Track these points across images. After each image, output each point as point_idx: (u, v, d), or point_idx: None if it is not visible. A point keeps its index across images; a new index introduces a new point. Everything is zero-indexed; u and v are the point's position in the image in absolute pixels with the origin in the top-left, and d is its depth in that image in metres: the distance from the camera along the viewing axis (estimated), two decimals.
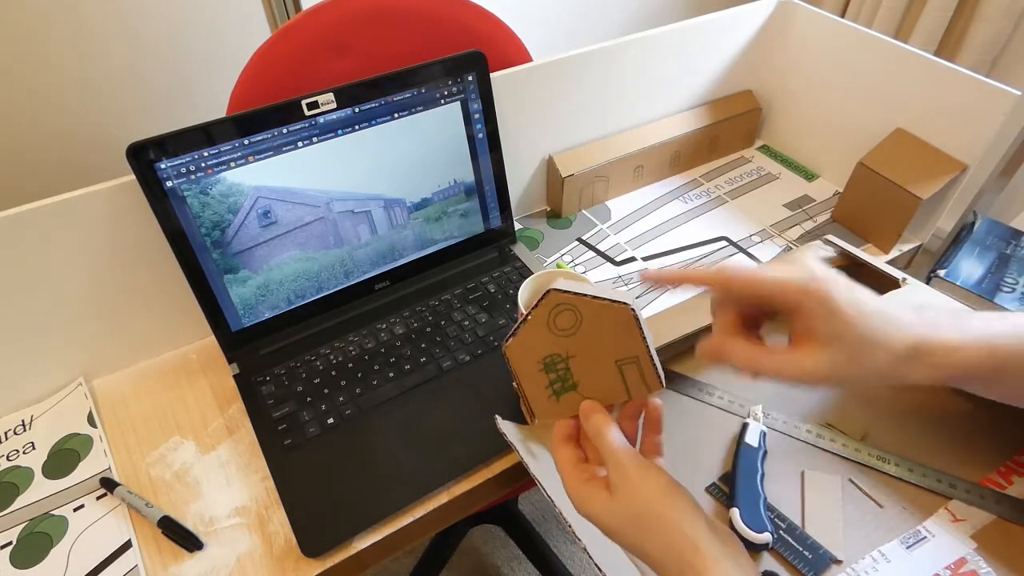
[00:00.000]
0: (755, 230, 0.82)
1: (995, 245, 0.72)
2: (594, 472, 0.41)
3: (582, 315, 0.40)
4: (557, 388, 0.42)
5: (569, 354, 0.41)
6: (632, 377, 0.41)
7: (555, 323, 0.40)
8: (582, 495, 0.39)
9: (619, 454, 0.39)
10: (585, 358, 0.41)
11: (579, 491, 0.40)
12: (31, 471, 0.58)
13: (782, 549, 0.46)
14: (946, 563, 0.44)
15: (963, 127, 0.72)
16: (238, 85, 0.79)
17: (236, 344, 0.65)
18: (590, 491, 0.39)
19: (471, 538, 1.24)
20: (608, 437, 0.39)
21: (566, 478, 0.41)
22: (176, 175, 0.56)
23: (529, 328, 0.41)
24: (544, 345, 0.41)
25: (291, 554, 0.52)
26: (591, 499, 0.39)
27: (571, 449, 0.42)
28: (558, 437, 0.43)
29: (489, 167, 0.73)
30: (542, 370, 0.41)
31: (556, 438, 0.43)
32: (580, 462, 0.41)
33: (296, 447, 0.58)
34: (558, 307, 0.40)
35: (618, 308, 0.39)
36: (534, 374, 0.42)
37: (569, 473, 0.41)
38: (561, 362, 0.41)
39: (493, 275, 0.74)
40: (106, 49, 1.14)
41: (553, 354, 0.41)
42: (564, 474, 0.41)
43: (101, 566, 0.51)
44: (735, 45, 0.87)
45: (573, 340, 0.40)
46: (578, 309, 0.40)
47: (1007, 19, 1.24)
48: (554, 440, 0.43)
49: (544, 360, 0.41)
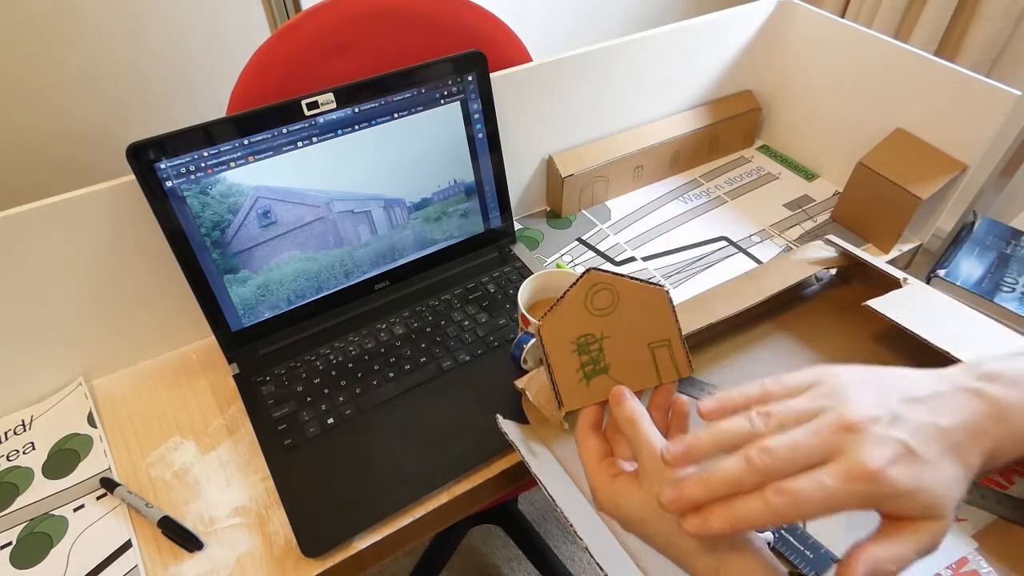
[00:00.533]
0: (755, 230, 0.82)
1: (995, 245, 0.72)
2: (620, 468, 0.39)
3: (619, 295, 0.41)
4: (588, 371, 0.41)
5: (604, 334, 0.41)
6: (663, 360, 0.41)
7: (592, 302, 0.41)
8: (610, 492, 0.38)
9: (656, 445, 0.37)
10: (619, 339, 0.41)
11: (607, 488, 0.38)
12: (31, 471, 0.58)
13: (783, 548, 0.46)
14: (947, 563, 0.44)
15: (963, 127, 0.72)
16: (238, 85, 0.79)
17: (236, 344, 0.65)
18: (618, 485, 0.38)
19: (471, 538, 1.24)
20: (643, 426, 0.38)
21: (591, 471, 0.39)
22: (176, 175, 0.56)
23: (566, 306, 0.41)
24: (579, 324, 0.41)
25: (291, 554, 0.52)
26: (619, 493, 0.37)
27: (597, 441, 0.41)
28: (584, 426, 0.41)
29: (489, 167, 0.73)
30: (575, 351, 0.41)
31: (582, 427, 0.41)
32: (607, 456, 0.40)
33: (296, 447, 0.58)
34: (596, 286, 0.40)
35: (654, 289, 0.41)
36: (566, 355, 0.41)
37: (594, 466, 0.39)
38: (595, 343, 0.41)
39: (493, 275, 0.74)
40: (107, 49, 1.14)
41: (588, 334, 0.41)
42: (589, 467, 0.40)
43: (101, 566, 0.51)
44: (735, 45, 0.87)
45: (608, 320, 0.41)
46: (615, 289, 0.41)
47: (1007, 19, 1.24)
48: (579, 429, 0.41)
49: (578, 340, 0.41)
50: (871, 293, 0.58)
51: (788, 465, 0.31)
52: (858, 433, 0.31)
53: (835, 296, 0.68)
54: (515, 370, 0.62)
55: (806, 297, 0.68)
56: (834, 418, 0.31)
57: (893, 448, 0.30)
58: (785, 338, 0.64)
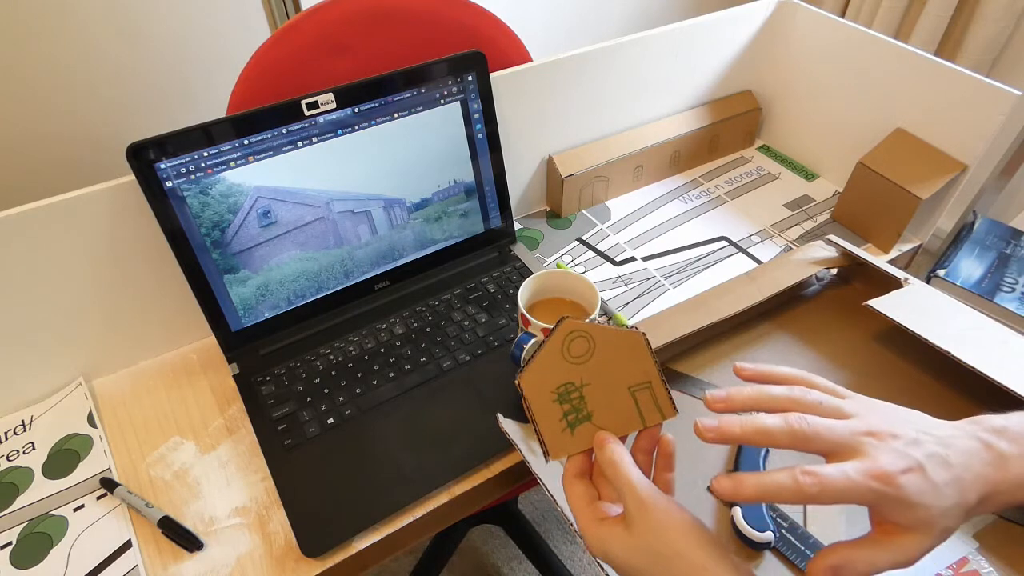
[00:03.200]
0: (755, 230, 0.82)
1: (995, 245, 0.72)
2: (607, 511, 0.40)
3: (595, 341, 0.41)
4: (571, 419, 0.41)
5: (583, 382, 0.41)
6: (646, 404, 0.41)
7: (569, 350, 0.41)
8: (598, 535, 0.38)
9: (637, 487, 0.37)
10: (599, 385, 0.41)
11: (594, 531, 0.39)
12: (31, 471, 0.58)
13: (784, 548, 0.46)
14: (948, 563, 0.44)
15: (963, 127, 0.72)
16: (238, 85, 0.79)
17: (236, 344, 0.65)
18: (605, 530, 0.38)
19: (471, 538, 1.24)
20: (624, 468, 0.38)
21: (579, 517, 0.40)
22: (176, 175, 0.56)
23: (544, 356, 0.41)
24: (558, 374, 0.41)
25: (291, 554, 0.52)
26: (607, 538, 0.38)
27: (584, 486, 0.41)
28: (570, 473, 0.42)
29: (489, 167, 0.73)
30: (556, 400, 0.41)
31: (568, 474, 0.42)
32: (594, 500, 0.40)
33: (296, 447, 0.58)
34: (571, 334, 0.41)
35: (629, 333, 0.41)
36: (548, 406, 0.41)
37: (582, 511, 0.40)
38: (575, 391, 0.41)
39: (493, 275, 0.74)
40: (106, 49, 1.14)
41: (567, 383, 0.41)
42: (577, 512, 0.40)
43: (101, 566, 0.51)
44: (735, 45, 0.87)
45: (587, 368, 0.41)
46: (591, 336, 0.41)
47: (1007, 19, 1.24)
48: (566, 476, 0.42)
49: (558, 390, 0.41)
50: (871, 293, 0.58)
51: (818, 440, 0.35)
52: (882, 441, 0.35)
53: (835, 296, 0.68)
54: (515, 370, 0.62)
55: (806, 297, 0.68)
56: (863, 424, 0.35)
57: (908, 462, 0.34)
58: (785, 338, 0.64)
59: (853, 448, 0.35)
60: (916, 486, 0.34)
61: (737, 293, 0.61)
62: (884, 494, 0.33)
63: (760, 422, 0.36)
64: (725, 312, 0.59)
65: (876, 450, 0.34)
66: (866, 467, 0.33)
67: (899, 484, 0.33)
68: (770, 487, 0.34)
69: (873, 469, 0.33)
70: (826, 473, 0.33)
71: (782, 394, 0.37)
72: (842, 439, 0.35)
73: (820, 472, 0.33)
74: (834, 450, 0.35)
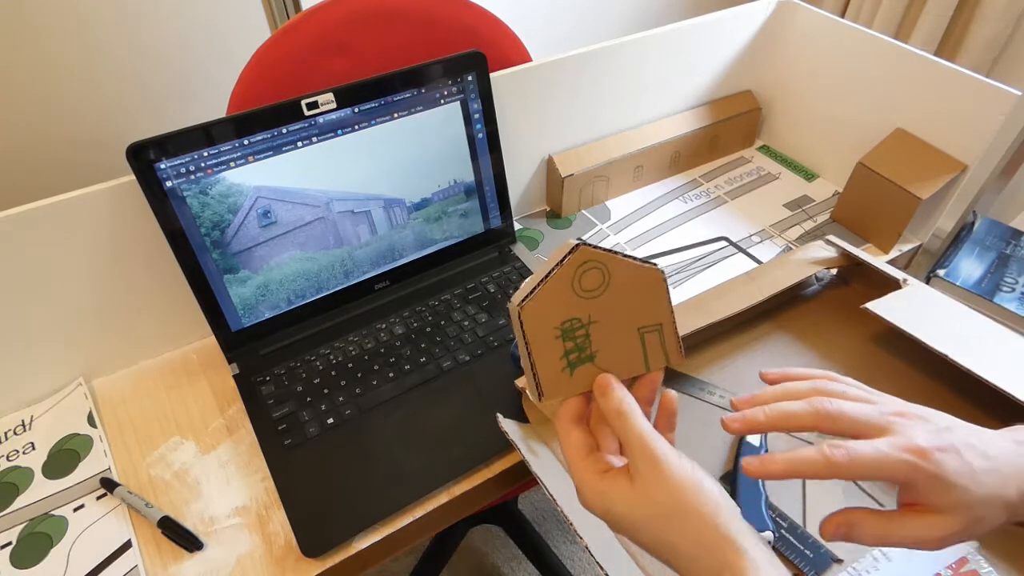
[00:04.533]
0: (755, 230, 0.82)
1: (995, 245, 0.72)
2: (610, 463, 0.36)
3: (611, 275, 0.37)
4: (573, 359, 0.37)
5: (591, 319, 0.37)
6: (653, 347, 0.38)
7: (580, 283, 0.36)
8: (599, 488, 0.35)
9: (647, 440, 0.34)
10: (608, 324, 0.37)
11: (595, 484, 0.35)
12: (31, 471, 0.58)
13: (783, 548, 0.46)
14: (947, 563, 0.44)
15: (963, 127, 0.72)
16: (238, 85, 0.79)
17: (236, 344, 0.65)
18: (607, 483, 0.35)
19: (471, 538, 1.24)
20: (633, 419, 0.35)
21: (577, 468, 0.36)
22: (176, 175, 0.56)
23: (552, 287, 0.36)
24: (565, 307, 0.37)
25: (291, 554, 0.52)
26: (608, 492, 0.35)
27: (581, 434, 0.37)
28: (566, 418, 0.38)
29: (489, 167, 0.73)
30: (559, 337, 0.37)
31: (564, 419, 0.38)
32: (593, 450, 0.37)
33: (296, 447, 0.58)
34: (586, 264, 0.36)
35: (648, 269, 0.37)
36: (549, 342, 0.37)
37: (580, 463, 0.36)
38: (581, 328, 0.37)
39: (493, 275, 0.74)
40: (106, 49, 1.14)
41: (574, 318, 0.37)
42: (574, 463, 0.37)
43: (101, 566, 0.51)
44: (735, 45, 0.87)
45: (597, 303, 0.37)
46: (607, 268, 0.37)
47: (1007, 19, 1.24)
48: (560, 421, 0.38)
49: (563, 325, 0.37)
50: (871, 293, 0.58)
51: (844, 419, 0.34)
52: (913, 421, 0.34)
53: (835, 296, 0.68)
54: (515, 370, 0.62)
55: (806, 297, 0.68)
56: (892, 407, 0.35)
57: (943, 442, 0.33)
58: (785, 338, 0.64)
59: (882, 427, 0.34)
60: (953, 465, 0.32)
61: (737, 293, 0.61)
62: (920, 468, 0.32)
63: (784, 407, 0.35)
64: (725, 312, 0.59)
65: (908, 428, 0.33)
66: (899, 442, 0.32)
67: (936, 460, 0.32)
68: (799, 463, 0.33)
69: (907, 444, 0.32)
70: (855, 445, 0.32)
71: (807, 386, 0.37)
72: (870, 418, 0.34)
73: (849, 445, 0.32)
74: (862, 430, 0.34)
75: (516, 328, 0.37)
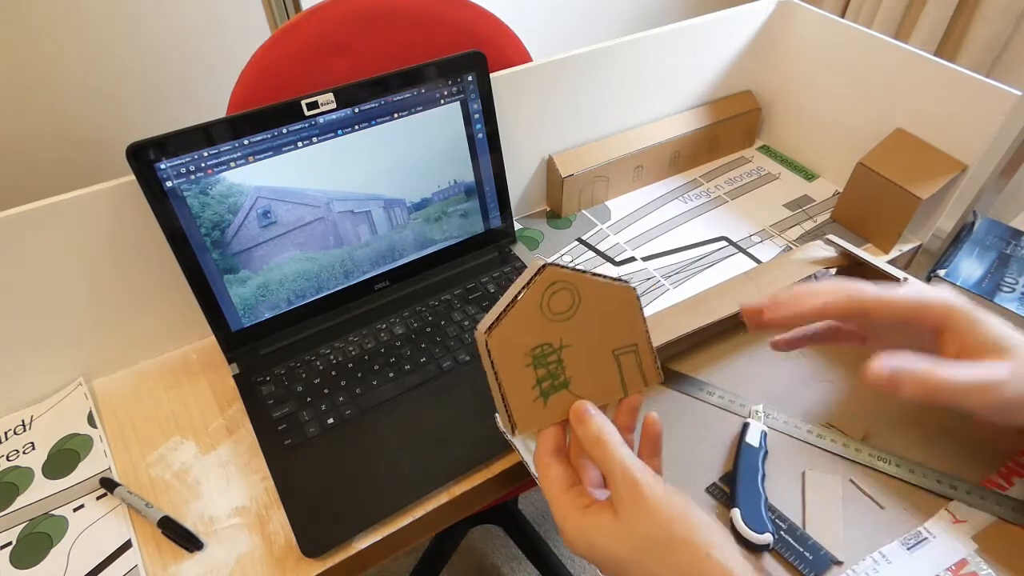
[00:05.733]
0: (755, 230, 0.82)
1: (995, 245, 0.72)
2: (592, 496, 0.35)
3: (581, 295, 0.35)
4: (545, 387, 0.35)
5: (563, 343, 0.35)
6: (629, 369, 0.36)
7: (549, 305, 0.34)
8: (581, 526, 0.33)
9: (629, 468, 0.33)
10: (580, 348, 0.35)
11: (577, 522, 0.34)
12: (31, 471, 0.58)
13: (783, 550, 0.46)
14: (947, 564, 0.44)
15: (963, 127, 0.71)
16: (238, 85, 0.79)
17: (236, 344, 0.65)
18: (590, 520, 0.33)
19: (471, 538, 1.24)
20: (613, 447, 0.33)
21: (557, 504, 0.35)
22: (176, 175, 0.56)
23: (519, 310, 0.34)
24: (535, 332, 0.35)
25: (291, 554, 0.52)
26: (591, 529, 0.33)
27: (561, 468, 0.35)
28: (544, 450, 0.36)
29: (489, 167, 0.73)
30: (529, 365, 0.35)
31: (541, 452, 0.36)
32: (574, 485, 0.35)
33: (296, 447, 0.58)
34: (554, 285, 0.34)
35: (620, 288, 0.36)
36: (519, 370, 0.35)
37: (560, 499, 0.35)
38: (553, 353, 0.35)
39: (493, 275, 0.74)
40: (107, 49, 1.14)
41: (544, 343, 0.35)
42: (555, 501, 0.35)
43: (101, 566, 0.51)
44: (735, 45, 0.87)
45: (568, 326, 0.35)
46: (576, 288, 0.35)
47: (1007, 19, 1.24)
48: (539, 454, 0.36)
49: (534, 351, 0.35)
50: None
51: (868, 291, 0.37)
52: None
53: None
54: None
55: None
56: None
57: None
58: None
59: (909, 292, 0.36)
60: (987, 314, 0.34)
61: (736, 293, 0.61)
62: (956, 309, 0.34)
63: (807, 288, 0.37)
64: (725, 312, 0.59)
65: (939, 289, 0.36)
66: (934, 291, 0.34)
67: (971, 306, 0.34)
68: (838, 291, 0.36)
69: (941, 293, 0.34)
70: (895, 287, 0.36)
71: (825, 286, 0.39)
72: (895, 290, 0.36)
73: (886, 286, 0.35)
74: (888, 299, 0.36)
75: (484, 358, 0.35)
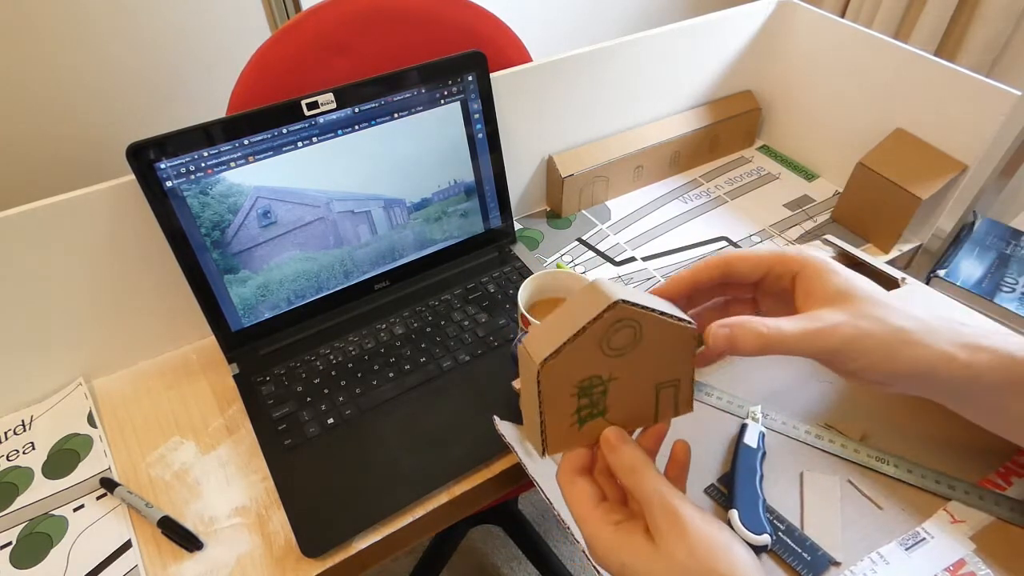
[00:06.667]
0: (755, 230, 0.82)
1: (995, 245, 0.72)
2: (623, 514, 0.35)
3: (643, 333, 0.34)
4: (584, 415, 0.36)
5: (612, 376, 0.35)
6: (665, 401, 0.37)
7: (610, 342, 0.34)
8: (612, 543, 0.33)
9: (665, 495, 0.33)
10: (628, 381, 0.35)
11: (608, 537, 0.34)
12: (31, 471, 0.58)
13: (781, 551, 0.46)
14: (945, 565, 0.44)
15: (963, 127, 0.71)
16: (238, 85, 0.79)
17: (236, 344, 0.65)
18: (622, 537, 0.33)
19: (471, 538, 1.24)
20: (649, 477, 0.34)
21: (588, 521, 0.34)
22: (176, 175, 0.56)
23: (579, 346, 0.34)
24: (589, 366, 0.34)
25: (291, 554, 0.52)
26: (623, 547, 0.33)
27: (588, 484, 0.36)
28: (570, 469, 0.36)
29: (489, 167, 0.73)
30: (575, 394, 0.35)
31: (567, 470, 0.36)
32: (602, 501, 0.35)
33: (296, 447, 0.58)
34: (620, 323, 0.34)
35: (682, 327, 0.35)
36: (564, 399, 0.35)
37: (590, 514, 0.34)
38: (600, 385, 0.35)
39: (493, 275, 0.74)
40: (106, 49, 1.14)
41: (594, 376, 0.35)
42: (584, 516, 0.35)
43: (101, 566, 0.51)
44: (735, 45, 0.87)
45: (622, 361, 0.35)
46: (641, 326, 0.34)
47: (1007, 19, 1.24)
48: (563, 472, 0.36)
49: (582, 383, 0.35)
50: None
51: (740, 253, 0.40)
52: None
53: None
54: (515, 370, 0.62)
55: None
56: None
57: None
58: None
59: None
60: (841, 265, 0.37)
61: None
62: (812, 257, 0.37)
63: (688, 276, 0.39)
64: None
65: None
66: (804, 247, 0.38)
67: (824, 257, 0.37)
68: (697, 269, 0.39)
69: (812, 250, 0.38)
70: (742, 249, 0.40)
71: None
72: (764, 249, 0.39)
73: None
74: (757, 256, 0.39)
75: (529, 384, 0.35)
